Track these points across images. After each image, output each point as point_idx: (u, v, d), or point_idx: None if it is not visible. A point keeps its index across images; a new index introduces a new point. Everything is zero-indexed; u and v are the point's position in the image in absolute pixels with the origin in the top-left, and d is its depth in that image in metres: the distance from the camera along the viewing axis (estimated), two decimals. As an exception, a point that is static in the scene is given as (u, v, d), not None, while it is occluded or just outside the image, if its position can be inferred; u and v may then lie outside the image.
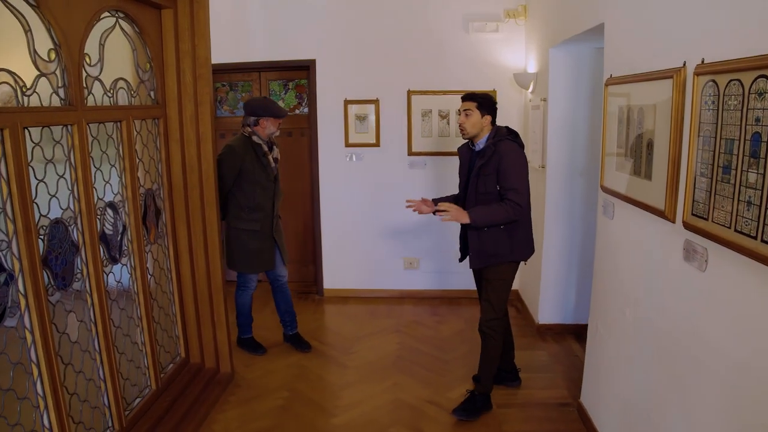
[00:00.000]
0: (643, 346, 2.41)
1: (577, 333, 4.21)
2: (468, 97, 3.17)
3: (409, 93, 4.92)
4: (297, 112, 5.53)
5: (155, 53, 3.17)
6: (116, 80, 2.83)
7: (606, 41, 2.82)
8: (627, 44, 2.60)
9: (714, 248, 1.85)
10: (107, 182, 2.77)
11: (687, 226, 2.00)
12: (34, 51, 2.22)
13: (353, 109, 5.06)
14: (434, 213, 3.29)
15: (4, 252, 2.09)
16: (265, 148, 3.91)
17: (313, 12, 4.91)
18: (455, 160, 5.17)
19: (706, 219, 1.88)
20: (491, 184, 3.07)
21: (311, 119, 5.18)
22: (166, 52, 3.26)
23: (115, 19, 2.80)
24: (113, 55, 2.79)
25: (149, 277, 3.20)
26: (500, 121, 4.77)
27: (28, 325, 2.20)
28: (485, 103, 3.13)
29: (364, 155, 5.13)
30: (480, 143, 3.19)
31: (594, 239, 3.16)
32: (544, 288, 4.29)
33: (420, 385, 3.68)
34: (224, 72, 5.44)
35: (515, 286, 5.07)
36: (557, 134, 4.00)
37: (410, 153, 5.04)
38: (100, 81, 2.68)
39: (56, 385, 2.32)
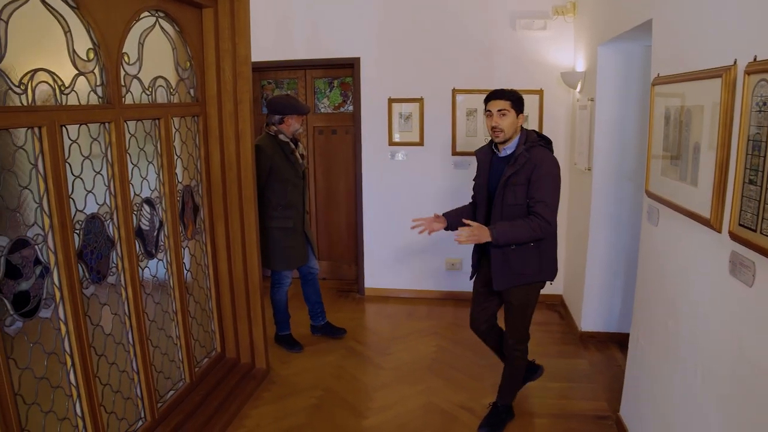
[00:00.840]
0: (686, 362, 2.29)
1: (621, 342, 4.05)
2: (499, 94, 2.81)
3: (454, 92, 4.85)
4: (342, 110, 5.55)
5: (195, 52, 3.23)
6: (155, 78, 2.89)
7: (654, 38, 2.69)
8: (675, 41, 2.46)
9: (762, 262, 1.72)
10: (144, 178, 2.84)
11: (734, 236, 1.88)
12: (73, 51, 2.29)
13: (397, 108, 5.03)
14: (446, 229, 3.12)
15: (40, 246, 2.17)
16: (292, 146, 3.97)
17: (358, 10, 4.91)
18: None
19: (755, 230, 1.76)
20: (521, 195, 2.77)
21: (355, 117, 5.18)
22: (206, 50, 3.32)
23: (155, 18, 2.87)
24: (153, 53, 2.86)
25: (186, 272, 3.27)
26: (548, 122, 4.76)
27: (62, 316, 2.28)
28: (519, 100, 2.83)
29: (408, 154, 5.10)
30: (508, 148, 2.87)
31: (640, 246, 3.03)
32: (588, 294, 4.15)
33: (454, 390, 3.62)
34: (270, 70, 5.52)
35: (559, 290, 4.95)
36: (605, 136, 3.85)
37: (454, 153, 4.97)
38: (139, 79, 2.75)
39: (89, 375, 2.40)
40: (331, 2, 4.95)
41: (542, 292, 4.90)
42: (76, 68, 2.32)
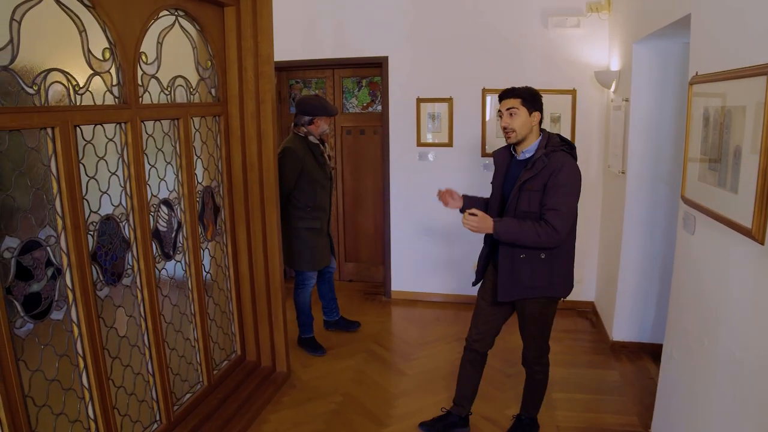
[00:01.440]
0: (723, 383, 2.14)
1: (655, 353, 3.87)
2: (508, 93, 2.65)
3: (484, 91, 4.73)
4: (370, 109, 5.49)
5: (217, 51, 3.21)
6: (174, 78, 2.88)
7: (692, 34, 2.53)
8: (715, 37, 2.31)
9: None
10: (162, 179, 2.83)
11: (777, 249, 1.74)
12: (88, 50, 2.28)
13: (426, 108, 4.94)
14: (461, 211, 2.92)
15: (52, 247, 2.16)
16: (322, 148, 3.98)
17: (387, 8, 4.84)
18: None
19: (799, 243, 1.62)
20: (536, 202, 2.58)
21: (384, 117, 5.11)
22: (228, 49, 3.29)
23: (174, 17, 2.84)
24: (172, 53, 2.84)
25: (205, 274, 3.25)
26: (581, 123, 4.60)
27: (75, 318, 2.27)
28: (531, 97, 2.63)
29: (437, 155, 5.00)
30: (527, 151, 2.68)
31: (676, 254, 2.87)
32: (621, 302, 3.98)
33: (478, 399, 3.50)
34: (298, 69, 5.50)
35: (591, 296, 4.79)
36: (640, 137, 3.69)
37: (484, 154, 4.85)
38: (157, 79, 2.74)
39: (101, 377, 2.39)
40: (359, 1, 4.89)
41: (573, 298, 4.86)
42: (91, 68, 2.30)
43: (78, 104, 2.24)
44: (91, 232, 2.35)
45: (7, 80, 1.95)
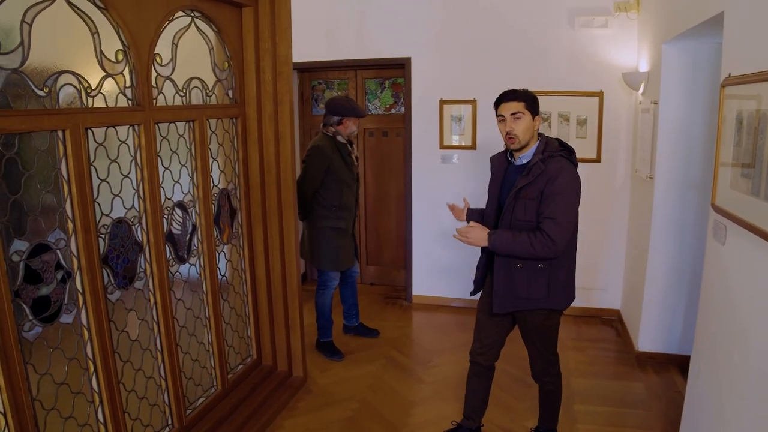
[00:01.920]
0: (753, 401, 2.03)
1: (683, 366, 3.72)
2: (511, 95, 2.51)
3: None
4: (393, 111, 5.43)
5: (234, 52, 3.19)
6: (189, 79, 2.86)
7: (725, 34, 2.42)
8: (749, 37, 2.20)
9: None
10: (176, 182, 2.81)
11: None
12: (101, 52, 2.27)
13: (449, 110, 4.86)
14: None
15: (62, 250, 2.15)
16: (349, 148, 4.00)
17: (409, 9, 4.78)
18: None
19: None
20: (532, 211, 2.47)
21: (406, 119, 5.05)
22: (245, 50, 3.27)
23: (190, 18, 2.83)
24: (188, 54, 2.83)
25: (221, 277, 3.23)
26: (608, 127, 4.47)
27: (85, 322, 2.26)
28: (532, 101, 2.52)
29: (460, 158, 4.92)
30: (524, 156, 2.57)
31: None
32: (647, 311, 3.85)
33: (497, 410, 3.43)
34: (321, 70, 5.47)
35: (616, 304, 4.67)
36: (669, 141, 3.56)
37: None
38: (172, 80, 2.72)
39: (111, 381, 2.38)
40: (381, 1, 4.84)
41: (598, 305, 4.74)
42: (104, 70, 2.30)
43: (90, 106, 2.23)
44: (103, 235, 2.34)
45: (18, 83, 1.94)
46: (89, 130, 2.23)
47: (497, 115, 2.58)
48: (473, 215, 2.93)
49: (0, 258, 1.88)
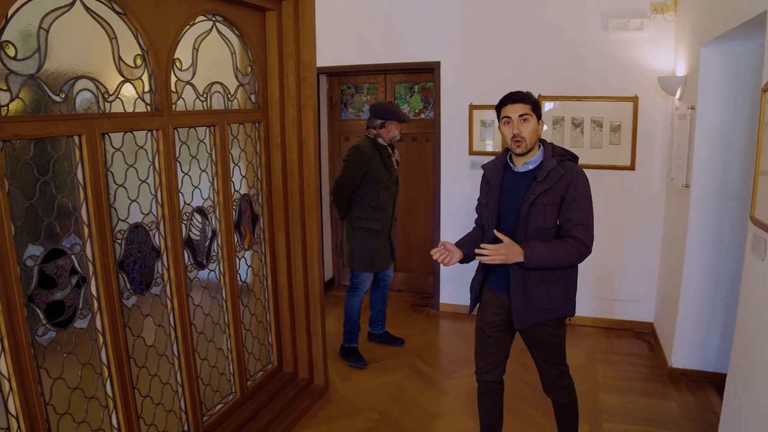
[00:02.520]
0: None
1: (719, 384, 3.55)
2: (517, 97, 2.44)
3: (540, 98, 4.52)
4: (422, 116, 5.38)
5: (257, 56, 3.18)
6: (211, 84, 2.86)
7: None
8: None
9: None
10: (196, 187, 2.82)
11: None
12: (119, 57, 2.28)
13: (478, 115, 4.78)
14: (462, 261, 2.67)
15: (77, 255, 2.17)
16: (390, 151, 4.05)
17: (439, 11, 4.72)
18: (587, 174, 4.64)
19: None
20: (552, 218, 2.41)
21: (435, 124, 4.99)
22: (269, 54, 3.27)
23: (212, 23, 2.83)
24: (210, 58, 2.83)
25: (241, 283, 3.22)
26: (643, 133, 4.34)
27: (99, 327, 2.27)
28: (538, 105, 2.48)
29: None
30: (531, 162, 2.46)
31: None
32: (681, 326, 3.69)
33: (521, 425, 3.33)
34: (349, 74, 5.46)
35: (650, 316, 4.51)
36: (706, 149, 3.40)
37: (538, 163, 4.64)
38: (192, 85, 2.73)
39: (126, 386, 2.38)
40: (410, 5, 4.80)
41: (631, 317, 4.59)
42: (122, 75, 2.31)
43: (107, 111, 2.24)
44: (119, 241, 2.35)
45: (34, 88, 1.96)
46: (106, 135, 2.24)
47: (501, 118, 2.48)
48: (466, 247, 2.69)
49: (14, 262, 1.89)
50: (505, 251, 2.34)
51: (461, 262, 2.66)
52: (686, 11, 3.80)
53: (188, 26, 2.65)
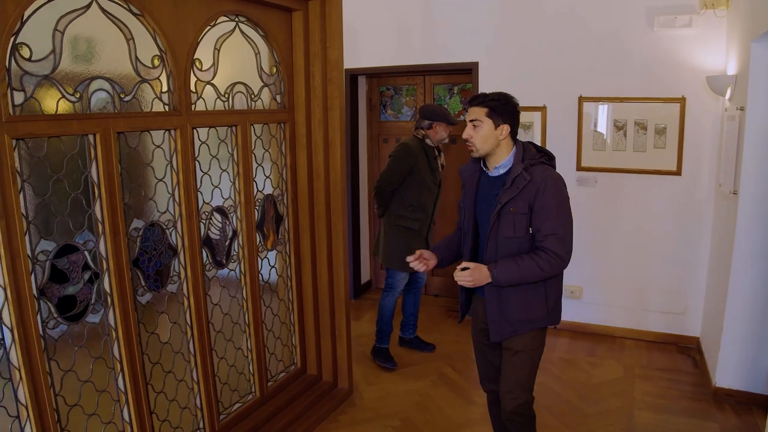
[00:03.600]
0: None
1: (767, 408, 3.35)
2: (475, 100, 2.35)
3: (581, 100, 4.39)
4: (462, 118, 5.31)
5: (283, 57, 3.22)
6: (233, 84, 2.91)
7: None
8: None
9: None
10: (216, 186, 2.86)
11: None
12: (136, 58, 2.35)
13: (517, 116, 4.67)
14: (437, 267, 2.61)
15: (90, 252, 2.24)
16: (436, 153, 4.10)
17: (477, 11, 4.65)
18: (630, 180, 4.58)
19: None
20: (522, 226, 2.29)
21: (472, 126, 4.91)
22: (295, 55, 3.29)
23: (234, 23, 2.88)
24: (233, 59, 2.88)
25: (263, 283, 3.26)
26: (690, 136, 4.14)
27: (112, 322, 2.33)
28: (500, 107, 2.31)
29: (526, 167, 4.72)
30: (501, 166, 2.36)
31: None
32: (727, 342, 3.48)
33: (544, 438, 3.23)
34: (389, 75, 5.45)
35: (696, 330, 4.30)
36: (756, 152, 3.20)
37: (579, 168, 4.50)
38: (213, 85, 2.78)
39: (138, 381, 2.44)
40: (448, 5, 4.75)
41: (675, 331, 4.38)
42: (139, 75, 2.37)
43: (122, 111, 2.31)
44: (135, 238, 2.42)
45: (50, 88, 2.04)
46: (122, 135, 2.31)
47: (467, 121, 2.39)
48: (440, 251, 2.65)
49: (24, 256, 1.97)
50: (471, 277, 2.27)
51: (438, 266, 2.63)
52: (738, 5, 3.59)
53: (209, 27, 2.70)
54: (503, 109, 2.32)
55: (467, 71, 4.90)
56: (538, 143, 4.59)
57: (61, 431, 2.16)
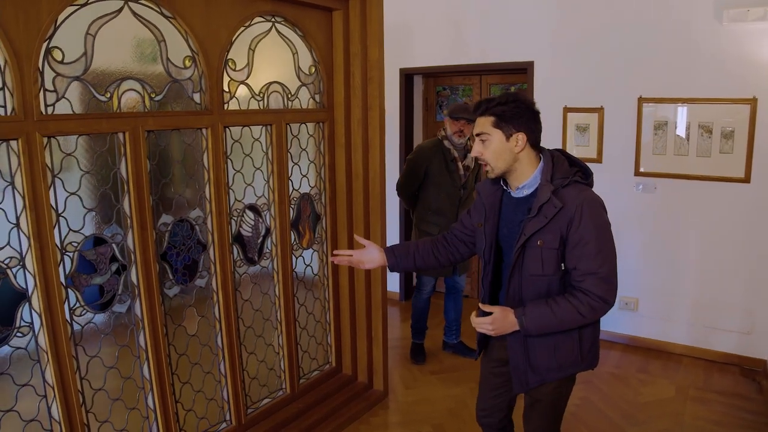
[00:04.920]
0: None
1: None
2: (479, 108, 2.01)
3: (640, 100, 4.20)
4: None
5: (322, 56, 3.28)
6: (268, 84, 3.00)
7: None
8: None
9: None
10: (249, 185, 2.96)
11: None
12: (167, 59, 2.47)
13: (573, 118, 4.55)
14: (391, 270, 2.39)
15: (118, 245, 2.38)
16: (455, 154, 3.99)
17: (533, 8, 4.55)
18: (692, 186, 4.30)
19: None
20: (552, 263, 1.95)
21: (527, 127, 4.81)
22: (335, 54, 3.35)
23: (270, 23, 2.96)
24: (268, 59, 2.97)
25: (298, 282, 3.34)
26: (761, 141, 3.89)
27: (138, 313, 2.47)
28: (509, 112, 1.94)
29: (583, 171, 4.57)
30: (525, 187, 2.01)
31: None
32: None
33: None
34: (444, 75, 5.43)
35: (762, 353, 4.03)
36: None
37: (637, 173, 4.31)
38: (247, 85, 2.87)
39: (162, 370, 2.57)
40: (503, 2, 4.67)
41: (740, 351, 4.12)
42: (170, 76, 2.50)
43: (152, 110, 2.44)
44: (164, 233, 2.55)
45: (81, 89, 2.19)
46: (151, 133, 2.44)
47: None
48: (394, 256, 2.34)
49: (53, 246, 2.12)
50: (492, 326, 1.96)
51: (391, 270, 2.40)
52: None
53: (243, 27, 2.79)
54: (514, 114, 1.95)
55: (522, 71, 4.81)
56: (595, 146, 4.46)
57: (86, 413, 2.32)
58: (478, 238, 2.19)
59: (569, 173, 1.97)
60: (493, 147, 1.97)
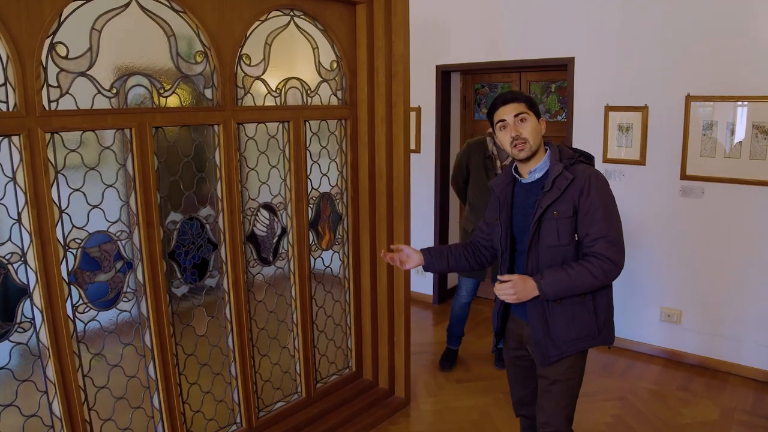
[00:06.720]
0: None
1: None
2: (509, 97, 2.21)
3: (688, 99, 3.97)
4: (558, 118, 5.05)
5: (344, 51, 3.22)
6: (286, 80, 2.96)
7: None
8: None
9: None
10: (264, 183, 2.93)
11: None
12: (177, 54, 2.46)
13: (615, 117, 4.35)
14: (425, 269, 2.53)
15: (123, 242, 2.38)
16: (493, 152, 3.95)
17: (574, 1, 4.37)
18: (743, 191, 4.08)
19: None
20: (567, 232, 2.16)
21: (567, 127, 4.65)
22: (358, 49, 3.29)
23: (289, 17, 2.92)
24: (286, 53, 2.93)
25: (316, 283, 3.30)
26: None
27: (144, 311, 2.47)
28: (534, 103, 2.25)
29: (625, 174, 4.38)
30: (537, 170, 2.22)
31: None
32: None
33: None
34: (483, 72, 5.30)
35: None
36: None
37: (683, 176, 4.09)
38: (263, 81, 2.84)
39: (168, 369, 2.57)
40: (544, -4, 4.53)
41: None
42: (180, 71, 2.48)
43: (161, 106, 2.43)
44: (173, 231, 2.54)
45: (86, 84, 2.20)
46: (159, 129, 2.43)
47: (496, 123, 2.24)
48: (430, 255, 2.51)
49: (55, 243, 2.14)
50: (513, 290, 2.13)
51: (425, 269, 2.54)
52: None
53: (259, 21, 2.76)
54: (535, 104, 2.26)
55: (563, 67, 4.64)
56: (638, 147, 4.26)
57: (88, 410, 2.33)
58: (494, 231, 2.38)
59: (574, 156, 2.23)
60: (532, 125, 2.19)
